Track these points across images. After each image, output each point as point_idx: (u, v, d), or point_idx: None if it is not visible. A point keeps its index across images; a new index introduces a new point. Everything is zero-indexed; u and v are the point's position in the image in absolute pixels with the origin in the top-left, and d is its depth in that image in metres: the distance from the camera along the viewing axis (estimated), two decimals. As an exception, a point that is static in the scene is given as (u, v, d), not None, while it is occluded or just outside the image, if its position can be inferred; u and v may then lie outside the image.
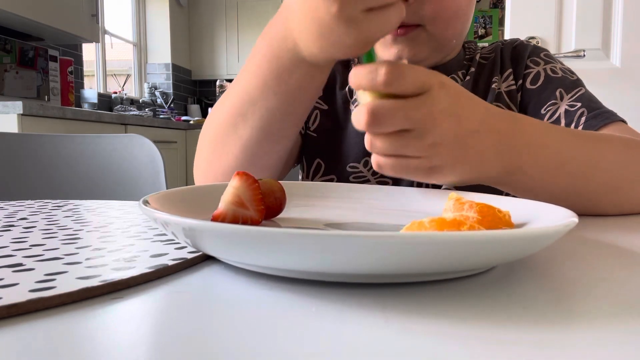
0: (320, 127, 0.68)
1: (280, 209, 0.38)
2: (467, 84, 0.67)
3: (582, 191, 0.45)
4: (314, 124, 0.68)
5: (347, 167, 0.66)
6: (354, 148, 0.66)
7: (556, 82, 0.64)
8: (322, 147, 0.68)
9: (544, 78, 0.65)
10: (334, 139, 0.68)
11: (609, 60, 1.64)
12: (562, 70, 0.66)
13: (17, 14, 2.26)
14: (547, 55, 0.69)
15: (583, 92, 0.62)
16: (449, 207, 0.33)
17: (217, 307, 0.22)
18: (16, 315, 0.20)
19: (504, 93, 0.67)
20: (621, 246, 0.34)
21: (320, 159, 0.68)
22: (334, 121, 0.69)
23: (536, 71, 0.66)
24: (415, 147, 0.36)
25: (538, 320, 0.20)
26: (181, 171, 3.40)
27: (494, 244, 0.22)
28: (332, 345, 0.17)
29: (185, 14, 4.60)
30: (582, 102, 0.61)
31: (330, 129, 0.68)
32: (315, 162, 0.69)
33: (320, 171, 0.69)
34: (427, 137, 0.36)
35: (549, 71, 0.66)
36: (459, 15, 0.59)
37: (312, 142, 0.68)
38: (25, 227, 0.38)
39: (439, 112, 0.36)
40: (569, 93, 0.62)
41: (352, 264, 0.22)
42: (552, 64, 0.67)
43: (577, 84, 0.64)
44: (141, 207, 0.28)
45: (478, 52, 0.72)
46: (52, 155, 0.98)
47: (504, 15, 2.50)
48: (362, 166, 0.66)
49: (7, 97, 2.48)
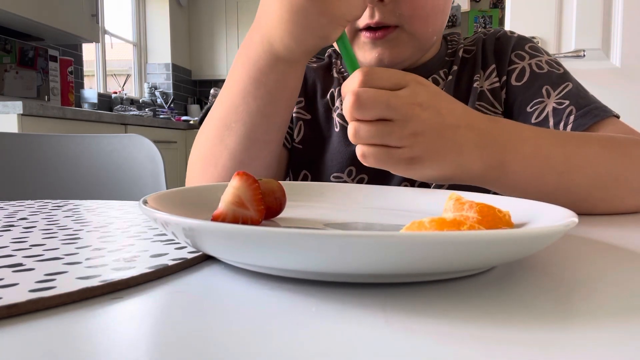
0: (304, 138, 0.68)
1: (280, 209, 0.38)
2: (449, 83, 0.65)
3: (569, 186, 0.45)
4: (299, 136, 0.68)
5: (331, 177, 0.65)
6: (337, 157, 0.66)
7: (542, 79, 0.61)
8: (307, 158, 0.68)
9: (529, 74, 0.63)
10: (318, 149, 0.67)
11: (609, 60, 1.64)
12: (547, 64, 0.63)
13: (17, 14, 2.26)
14: (532, 48, 0.66)
15: (570, 88, 0.60)
16: (449, 207, 0.33)
17: (217, 307, 0.22)
18: (16, 315, 0.20)
19: (486, 91, 0.65)
20: (621, 246, 0.34)
21: (306, 170, 0.68)
22: (317, 130, 0.68)
23: (521, 67, 0.64)
24: (397, 135, 0.39)
25: (538, 320, 0.20)
26: (181, 171, 3.40)
27: (494, 244, 0.22)
28: (332, 345, 0.17)
29: (185, 14, 4.60)
30: (570, 99, 0.59)
31: (313, 138, 0.68)
32: (302, 174, 0.68)
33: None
34: (408, 126, 0.39)
35: (534, 66, 0.63)
36: (436, 10, 0.58)
37: (297, 154, 0.68)
38: (25, 227, 0.38)
39: (418, 103, 0.39)
40: (556, 89, 0.60)
41: (352, 264, 0.22)
42: (538, 58, 0.64)
43: (565, 78, 0.61)
44: (141, 207, 0.28)
45: (461, 45, 0.69)
46: (52, 155, 0.98)
47: (504, 15, 2.50)
48: (346, 175, 0.65)
49: (7, 97, 2.48)
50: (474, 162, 0.42)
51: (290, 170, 0.69)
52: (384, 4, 0.54)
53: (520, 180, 0.44)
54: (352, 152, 0.63)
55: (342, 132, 0.66)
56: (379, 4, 0.53)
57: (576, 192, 0.45)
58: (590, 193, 0.46)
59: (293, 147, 0.68)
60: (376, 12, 0.54)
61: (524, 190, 0.44)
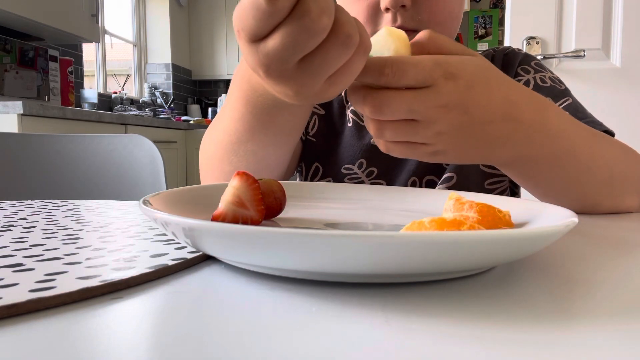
0: (318, 132, 0.70)
1: (280, 209, 0.38)
2: None
3: (583, 182, 0.47)
4: (313, 129, 0.70)
5: (342, 169, 0.68)
6: (349, 150, 0.68)
7: (544, 91, 0.65)
8: (320, 151, 0.70)
9: (533, 87, 0.66)
10: (330, 143, 0.70)
11: (609, 60, 1.64)
12: (551, 80, 0.67)
13: (17, 14, 2.26)
14: (538, 65, 0.70)
15: (570, 102, 0.63)
16: (449, 207, 0.33)
17: (217, 307, 0.22)
18: (16, 315, 0.20)
19: None
20: (622, 246, 0.34)
21: (318, 162, 0.70)
22: (331, 125, 0.71)
23: (526, 79, 0.67)
24: (421, 135, 0.37)
25: (538, 320, 0.20)
26: (181, 171, 3.40)
27: (494, 244, 0.22)
28: (332, 345, 0.17)
29: (185, 14, 4.60)
30: (569, 112, 0.60)
31: (327, 133, 0.70)
32: (314, 166, 0.70)
33: (318, 174, 0.70)
34: (432, 127, 0.37)
35: (538, 80, 0.67)
36: (452, 16, 0.60)
37: (311, 146, 0.70)
38: (25, 227, 0.38)
39: (443, 105, 0.36)
40: (556, 102, 0.63)
41: (352, 264, 0.22)
42: (542, 73, 0.68)
43: (565, 94, 0.65)
44: (141, 207, 0.28)
45: None
46: (52, 155, 0.98)
47: (504, 15, 2.50)
48: (357, 168, 0.67)
49: (7, 97, 2.48)
50: (502, 157, 0.42)
51: (303, 162, 0.71)
52: (406, 9, 0.55)
53: (539, 175, 0.45)
54: (363, 147, 0.67)
55: (355, 128, 0.69)
56: (401, 10, 0.55)
57: (591, 188, 0.47)
58: (603, 189, 0.48)
59: (307, 139, 0.70)
60: (398, 17, 0.56)
61: (538, 184, 0.46)
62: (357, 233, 0.20)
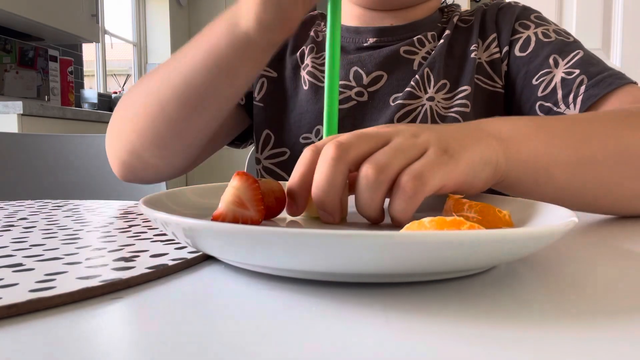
0: (267, 96, 0.63)
1: (280, 209, 0.38)
2: (440, 48, 0.60)
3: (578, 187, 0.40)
4: (260, 93, 0.64)
5: (300, 138, 0.61)
6: (305, 116, 0.61)
7: (549, 47, 0.56)
8: (270, 117, 0.63)
9: (535, 43, 0.57)
10: (283, 108, 0.63)
11: (609, 60, 1.64)
12: (555, 32, 0.57)
13: (17, 14, 2.26)
14: (539, 17, 0.60)
15: (581, 55, 0.54)
16: (449, 207, 0.33)
17: (217, 307, 0.22)
18: (16, 315, 0.20)
19: (485, 63, 0.60)
20: (621, 246, 0.34)
21: (269, 129, 0.63)
22: (283, 89, 0.64)
23: (526, 36, 0.58)
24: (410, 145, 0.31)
25: (538, 320, 0.20)
26: (181, 171, 3.40)
27: (494, 244, 0.22)
28: (332, 345, 0.17)
29: (185, 13, 4.60)
30: (580, 68, 0.53)
31: (278, 97, 0.63)
32: (264, 134, 0.63)
33: (270, 143, 0.63)
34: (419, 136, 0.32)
35: (540, 35, 0.57)
36: None
37: (259, 112, 0.63)
38: (25, 227, 0.38)
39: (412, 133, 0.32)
40: (565, 58, 0.54)
41: (352, 264, 0.22)
42: (545, 26, 0.58)
43: (575, 46, 0.56)
44: (141, 207, 0.28)
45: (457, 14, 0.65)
46: (52, 155, 0.98)
47: (504, 15, 2.50)
48: (314, 136, 0.60)
49: (7, 97, 2.48)
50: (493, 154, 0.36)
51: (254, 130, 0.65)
52: None
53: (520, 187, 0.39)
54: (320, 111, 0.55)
55: (311, 90, 0.61)
56: None
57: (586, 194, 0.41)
58: (601, 194, 0.41)
59: (254, 105, 0.64)
60: None
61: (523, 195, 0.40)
62: (357, 233, 0.20)
